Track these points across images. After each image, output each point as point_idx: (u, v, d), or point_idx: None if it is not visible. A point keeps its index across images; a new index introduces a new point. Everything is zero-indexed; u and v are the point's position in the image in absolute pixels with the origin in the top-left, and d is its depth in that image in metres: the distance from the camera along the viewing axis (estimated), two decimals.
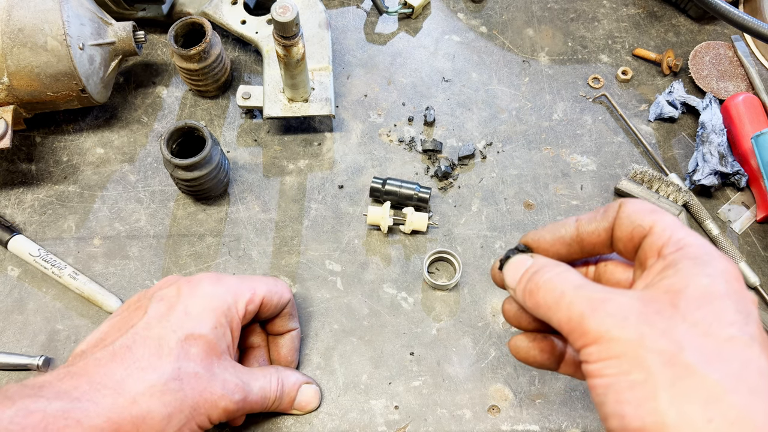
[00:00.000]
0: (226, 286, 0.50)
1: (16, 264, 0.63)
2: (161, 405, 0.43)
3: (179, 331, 0.46)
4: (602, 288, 0.35)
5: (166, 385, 0.44)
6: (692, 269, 0.34)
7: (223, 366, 0.48)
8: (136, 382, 0.43)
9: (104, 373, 0.43)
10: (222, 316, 0.48)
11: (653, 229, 0.36)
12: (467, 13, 0.78)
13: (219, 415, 0.47)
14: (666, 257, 0.35)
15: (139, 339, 0.45)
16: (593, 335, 0.33)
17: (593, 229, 0.39)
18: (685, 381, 0.30)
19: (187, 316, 0.47)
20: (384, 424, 0.56)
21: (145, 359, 0.44)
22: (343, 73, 0.74)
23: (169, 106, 0.72)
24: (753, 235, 0.65)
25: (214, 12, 0.72)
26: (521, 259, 0.41)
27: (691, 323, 0.32)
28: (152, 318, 0.47)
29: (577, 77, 0.74)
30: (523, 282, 0.39)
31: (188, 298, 0.48)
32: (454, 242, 0.65)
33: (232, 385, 0.48)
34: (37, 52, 0.60)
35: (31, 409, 0.40)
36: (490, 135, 0.70)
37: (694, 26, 0.77)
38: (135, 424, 0.42)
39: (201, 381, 0.45)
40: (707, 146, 0.66)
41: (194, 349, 0.46)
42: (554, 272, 0.38)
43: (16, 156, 0.69)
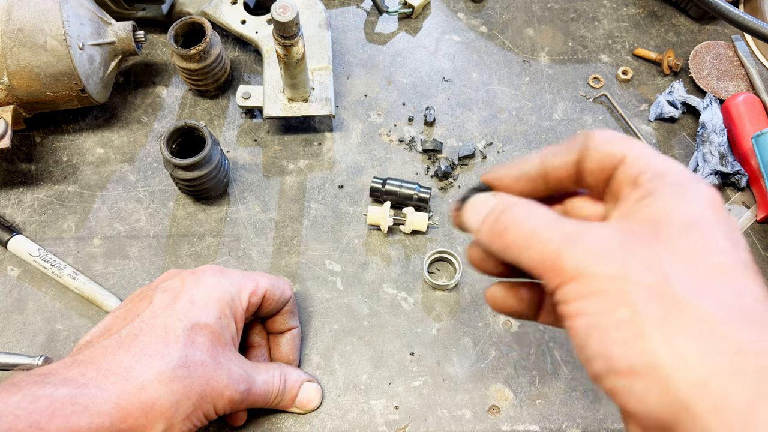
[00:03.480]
0: (230, 278, 0.50)
1: (15, 264, 0.63)
2: (169, 392, 0.43)
3: (185, 320, 0.46)
4: (576, 222, 0.32)
5: (174, 372, 0.44)
6: (674, 196, 0.31)
7: (228, 356, 0.48)
8: (144, 368, 0.43)
9: (112, 360, 0.43)
10: (226, 306, 0.49)
11: (626, 158, 0.33)
12: (467, 12, 0.78)
13: (224, 404, 0.47)
14: (643, 185, 0.32)
15: (145, 327, 0.45)
16: (570, 272, 0.30)
17: (560, 162, 0.36)
18: (675, 315, 0.27)
19: (193, 305, 0.47)
20: (384, 424, 0.56)
21: (152, 346, 0.44)
22: (343, 73, 0.74)
23: (169, 106, 0.72)
24: (753, 235, 0.65)
25: (213, 12, 0.72)
26: (483, 198, 0.37)
27: (675, 251, 0.29)
28: (158, 307, 0.47)
29: (578, 77, 0.74)
30: (489, 222, 0.35)
31: (193, 288, 0.48)
32: (454, 242, 0.65)
33: (237, 375, 0.48)
34: (36, 51, 0.60)
35: (38, 395, 0.39)
36: (490, 135, 0.70)
37: (694, 26, 0.77)
38: (143, 410, 0.42)
39: (207, 369, 0.45)
40: (707, 146, 0.66)
41: (200, 338, 0.46)
42: (523, 210, 0.34)
43: (15, 156, 0.69)
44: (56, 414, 0.39)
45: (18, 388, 0.40)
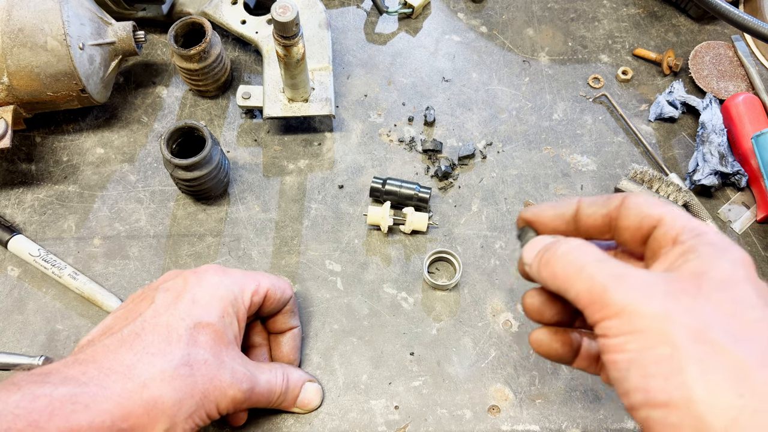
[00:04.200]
0: (232, 277, 0.51)
1: (16, 264, 0.63)
2: (172, 390, 0.43)
3: (188, 319, 0.46)
4: (624, 264, 0.35)
5: (177, 370, 0.44)
6: (713, 254, 0.34)
7: (231, 355, 0.48)
8: (147, 367, 0.43)
9: (113, 359, 0.43)
10: (229, 305, 0.49)
11: (664, 219, 0.37)
12: (467, 13, 0.78)
13: (227, 404, 0.47)
14: (684, 243, 0.35)
15: (148, 326, 0.45)
16: (615, 308, 0.33)
17: (593, 212, 0.40)
18: (713, 357, 0.30)
19: (195, 304, 0.47)
20: (384, 424, 0.56)
21: (154, 345, 0.44)
22: (343, 73, 0.74)
23: (169, 106, 0.72)
24: (753, 235, 0.65)
25: (214, 12, 0.72)
26: (542, 238, 0.40)
27: (716, 303, 0.32)
28: (160, 306, 0.47)
29: (578, 77, 0.74)
30: (541, 254, 0.38)
31: (195, 287, 0.48)
32: (454, 242, 0.65)
33: (241, 374, 0.47)
34: (36, 52, 0.60)
35: (37, 394, 0.39)
36: (490, 135, 0.70)
37: (694, 26, 0.77)
38: (145, 408, 0.42)
39: (210, 368, 0.45)
40: (707, 146, 0.66)
41: (203, 336, 0.46)
42: (573, 244, 0.37)
43: (16, 156, 0.69)
44: (56, 413, 0.39)
45: (17, 387, 0.40)
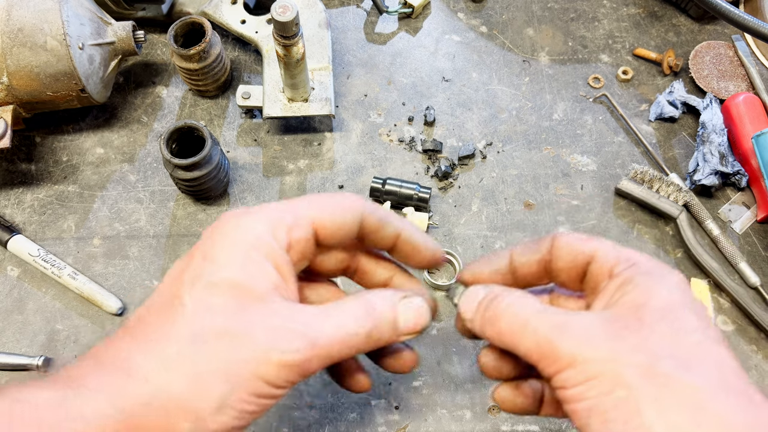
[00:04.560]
0: (254, 215, 0.38)
1: (15, 264, 0.63)
2: (181, 379, 0.33)
3: (196, 283, 0.35)
4: (563, 311, 0.35)
5: (182, 353, 0.33)
6: (649, 282, 0.34)
7: (265, 311, 0.35)
8: (146, 357, 0.34)
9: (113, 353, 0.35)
10: (252, 250, 0.36)
11: (597, 254, 0.37)
12: (467, 12, 0.78)
13: (277, 372, 0.34)
14: (620, 275, 0.35)
15: (153, 306, 0.36)
16: (566, 359, 0.33)
17: (526, 260, 0.40)
18: (667, 391, 0.30)
19: (206, 261, 0.36)
20: (384, 425, 0.56)
21: (154, 328, 0.35)
22: (343, 73, 0.74)
23: (169, 105, 0.72)
24: (753, 235, 0.65)
25: (213, 12, 0.72)
26: (475, 289, 0.40)
27: (659, 334, 0.32)
28: (167, 280, 0.37)
29: (578, 77, 0.74)
30: (481, 310, 0.38)
31: (207, 241, 0.37)
32: (454, 242, 0.64)
33: (284, 331, 0.35)
34: (36, 51, 0.59)
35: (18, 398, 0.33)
36: (490, 135, 0.70)
37: (694, 26, 0.77)
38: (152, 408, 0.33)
39: (232, 338, 0.34)
40: (708, 146, 0.66)
41: (216, 298, 0.35)
42: (512, 297, 0.37)
43: (15, 156, 0.69)
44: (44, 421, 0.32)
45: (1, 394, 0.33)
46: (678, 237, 0.64)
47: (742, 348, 0.60)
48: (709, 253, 0.62)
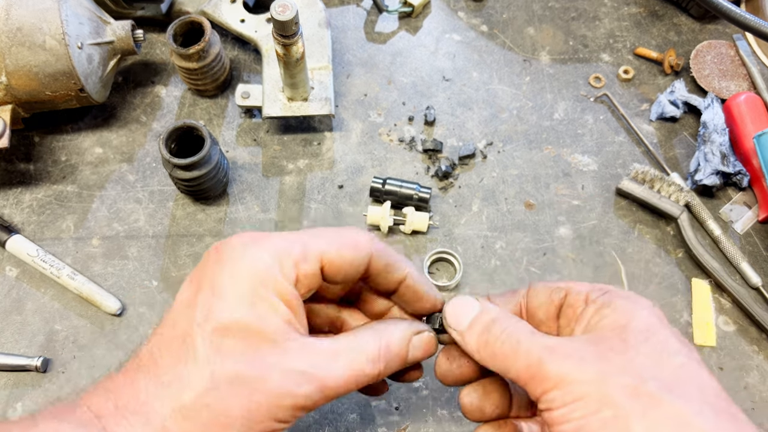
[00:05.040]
0: (262, 245, 0.37)
1: (14, 264, 0.63)
2: (199, 427, 0.34)
3: (206, 324, 0.35)
4: (551, 336, 0.37)
5: (199, 401, 0.34)
6: (627, 305, 0.36)
7: (276, 354, 0.35)
8: (162, 403, 0.34)
9: (130, 393, 0.35)
10: (261, 287, 0.36)
11: (571, 289, 0.39)
12: (468, 12, 0.78)
13: (291, 413, 0.36)
14: (596, 301, 0.37)
15: (163, 343, 0.36)
16: (554, 380, 0.33)
17: (502, 304, 0.42)
18: (654, 410, 0.31)
19: (215, 297, 0.36)
20: (384, 425, 0.56)
21: (168, 371, 0.35)
22: (342, 73, 0.74)
23: (168, 105, 0.72)
24: (755, 235, 0.65)
25: (213, 11, 0.72)
26: (466, 300, 0.40)
27: (644, 355, 0.33)
28: (176, 310, 0.37)
29: (578, 76, 0.73)
30: (477, 330, 0.39)
31: (214, 272, 0.37)
32: (454, 242, 0.64)
33: (296, 373, 0.35)
34: (35, 51, 0.59)
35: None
36: (490, 134, 0.70)
37: (695, 25, 0.77)
38: None
39: (247, 384, 0.34)
40: (709, 146, 0.65)
41: (228, 341, 0.35)
42: (509, 321, 0.38)
43: (14, 156, 0.68)
44: None
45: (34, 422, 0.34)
46: (679, 237, 0.64)
47: (744, 348, 0.59)
48: (711, 253, 0.62)
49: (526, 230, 0.65)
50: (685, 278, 0.63)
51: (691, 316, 0.61)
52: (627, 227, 0.65)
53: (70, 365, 0.58)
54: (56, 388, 0.58)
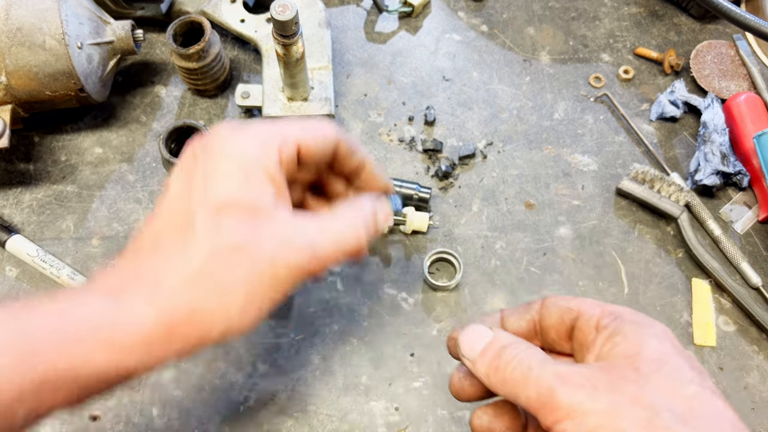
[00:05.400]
0: (247, 134, 0.41)
1: (14, 264, 0.63)
2: (206, 295, 0.37)
3: (204, 203, 0.38)
4: (564, 362, 0.36)
5: (202, 271, 0.37)
6: (638, 331, 0.35)
7: (271, 226, 0.39)
8: (171, 276, 0.37)
9: (140, 269, 0.38)
10: (250, 167, 0.39)
11: (582, 309, 0.39)
12: (468, 11, 0.78)
13: (285, 280, 0.39)
14: (607, 327, 0.37)
15: (164, 225, 0.39)
16: (565, 409, 0.33)
17: (516, 319, 0.42)
18: None
19: (208, 179, 0.39)
20: (384, 426, 0.56)
21: (171, 248, 0.38)
22: (342, 72, 0.74)
23: (168, 105, 0.72)
24: (755, 235, 0.65)
25: (213, 11, 0.72)
26: (480, 329, 0.40)
27: (656, 385, 0.33)
28: (173, 196, 0.40)
29: (579, 76, 0.73)
30: (488, 356, 0.38)
31: (206, 159, 0.40)
32: (454, 242, 0.64)
33: (290, 245, 0.39)
34: (35, 51, 0.59)
35: (70, 310, 0.36)
36: (490, 134, 0.70)
37: (695, 25, 0.77)
38: (187, 319, 0.37)
39: (245, 253, 0.37)
40: (709, 146, 0.65)
41: (227, 219, 0.38)
42: (521, 348, 0.37)
43: (14, 156, 0.68)
44: (96, 329, 0.35)
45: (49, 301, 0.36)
46: (679, 237, 0.64)
47: (744, 348, 0.59)
48: (711, 253, 0.62)
49: (526, 230, 0.65)
50: (685, 278, 0.63)
51: (691, 316, 0.61)
52: (627, 227, 0.65)
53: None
54: None
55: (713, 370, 0.59)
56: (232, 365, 0.59)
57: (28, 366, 0.33)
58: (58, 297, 0.37)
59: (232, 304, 0.37)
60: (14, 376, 0.33)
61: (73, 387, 0.35)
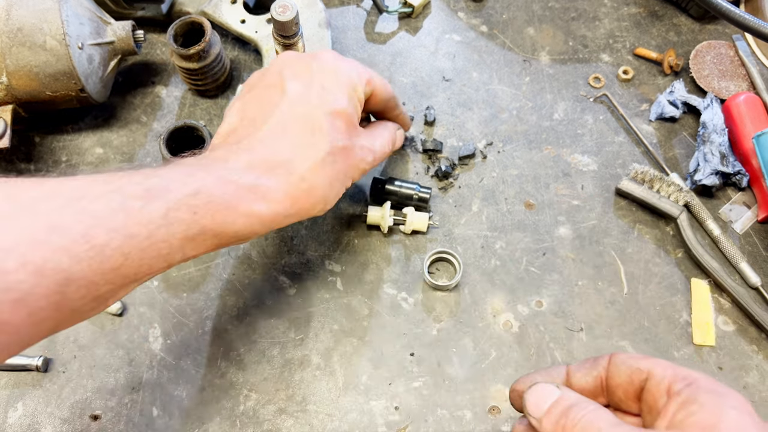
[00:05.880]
0: (349, 63, 0.54)
1: None
2: (323, 178, 0.49)
3: (324, 107, 0.49)
4: (636, 428, 0.35)
5: (324, 161, 0.49)
6: (715, 401, 0.34)
7: (358, 135, 0.53)
8: (301, 161, 0.48)
9: (273, 152, 0.47)
10: (352, 90, 0.52)
11: (653, 371, 0.38)
12: (468, 12, 0.78)
13: (359, 174, 0.54)
14: (680, 393, 0.36)
15: (289, 119, 0.49)
16: None
17: (582, 375, 0.42)
18: None
19: (325, 91, 0.50)
20: (384, 425, 0.56)
21: (302, 138, 0.48)
22: None
23: (169, 105, 0.72)
24: (754, 235, 0.65)
25: (213, 11, 0.72)
26: (548, 388, 0.40)
27: None
28: (294, 97, 0.50)
29: (578, 77, 0.73)
30: (554, 415, 0.38)
31: (320, 74, 0.51)
32: (454, 242, 0.64)
33: (366, 150, 0.54)
34: (35, 51, 0.59)
35: (228, 180, 0.44)
36: (490, 135, 0.70)
37: (695, 25, 0.77)
38: (306, 197, 0.48)
39: (347, 152, 0.51)
40: (708, 146, 0.66)
41: (338, 122, 0.50)
42: (589, 408, 0.37)
43: (14, 156, 0.68)
44: (242, 200, 0.44)
45: (207, 171, 0.44)
46: (678, 237, 0.64)
47: (743, 348, 0.60)
48: (710, 253, 0.62)
49: (526, 230, 0.65)
50: (685, 278, 0.63)
51: (691, 315, 0.61)
52: (627, 227, 0.65)
53: (70, 365, 0.59)
54: (57, 388, 0.58)
55: (713, 370, 0.59)
56: (232, 364, 0.59)
57: (194, 221, 0.42)
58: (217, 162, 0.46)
59: (335, 187, 0.51)
60: (184, 227, 0.42)
61: (215, 241, 0.44)
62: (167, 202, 0.41)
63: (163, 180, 0.42)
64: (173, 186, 0.42)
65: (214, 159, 0.46)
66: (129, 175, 0.42)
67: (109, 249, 0.38)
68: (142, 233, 0.39)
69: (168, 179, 0.42)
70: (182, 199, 0.42)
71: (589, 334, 0.60)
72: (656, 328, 0.60)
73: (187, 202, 0.42)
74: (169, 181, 0.42)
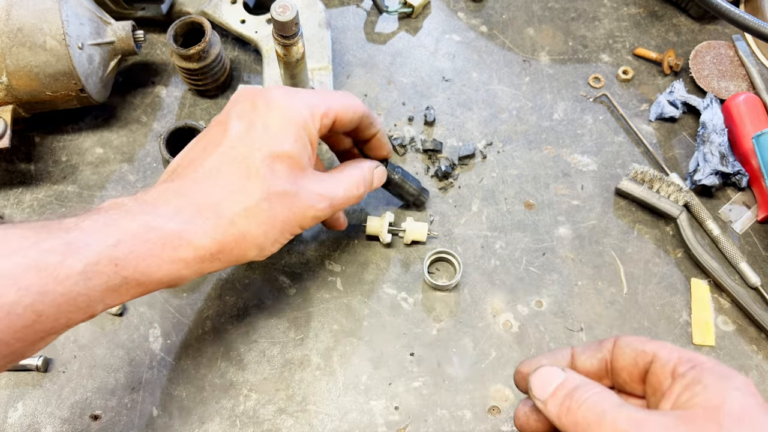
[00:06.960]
0: (301, 99, 0.50)
1: None
2: (256, 225, 0.46)
3: (263, 149, 0.47)
4: (641, 409, 0.35)
5: (258, 206, 0.46)
6: (719, 383, 0.34)
7: (307, 179, 0.49)
8: (231, 205, 0.46)
9: (204, 195, 0.46)
10: (301, 129, 0.48)
11: (658, 354, 0.38)
12: (467, 12, 0.78)
13: (309, 222, 0.50)
14: (685, 375, 0.36)
15: (226, 160, 0.47)
16: None
17: (587, 357, 0.42)
18: None
19: (268, 132, 0.47)
20: (384, 425, 0.56)
21: (235, 182, 0.46)
22: (343, 73, 0.74)
23: (169, 105, 0.72)
24: (754, 235, 0.65)
25: (213, 11, 0.72)
26: (553, 371, 0.40)
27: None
28: (234, 137, 0.47)
29: (578, 77, 0.74)
30: (559, 397, 0.38)
31: (266, 113, 0.48)
32: (454, 242, 0.64)
33: (317, 195, 0.50)
34: (36, 51, 0.59)
35: (152, 226, 0.43)
36: (490, 135, 0.70)
37: (694, 26, 0.77)
38: (236, 242, 0.46)
39: (289, 198, 0.48)
40: (708, 146, 0.66)
41: (279, 166, 0.47)
42: (594, 390, 0.37)
43: (15, 156, 0.69)
44: (166, 246, 0.43)
45: (133, 216, 0.43)
46: (678, 237, 0.64)
47: (743, 348, 0.60)
48: (710, 253, 0.62)
49: (526, 230, 0.65)
50: (684, 278, 0.63)
51: (690, 315, 0.61)
52: (626, 227, 0.65)
53: (70, 365, 0.59)
54: (57, 388, 0.58)
55: None
56: (232, 364, 0.59)
57: (115, 273, 0.41)
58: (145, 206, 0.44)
59: (271, 235, 0.47)
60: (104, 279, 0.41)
61: (139, 289, 0.43)
62: (86, 256, 0.40)
63: (83, 233, 0.41)
64: (93, 239, 0.41)
65: (143, 203, 0.45)
66: (50, 227, 0.41)
67: (19, 307, 0.37)
68: (57, 290, 0.39)
69: (90, 231, 0.41)
70: (103, 251, 0.40)
71: (589, 334, 0.60)
72: (656, 328, 0.60)
73: (108, 255, 0.41)
74: (90, 233, 0.41)
